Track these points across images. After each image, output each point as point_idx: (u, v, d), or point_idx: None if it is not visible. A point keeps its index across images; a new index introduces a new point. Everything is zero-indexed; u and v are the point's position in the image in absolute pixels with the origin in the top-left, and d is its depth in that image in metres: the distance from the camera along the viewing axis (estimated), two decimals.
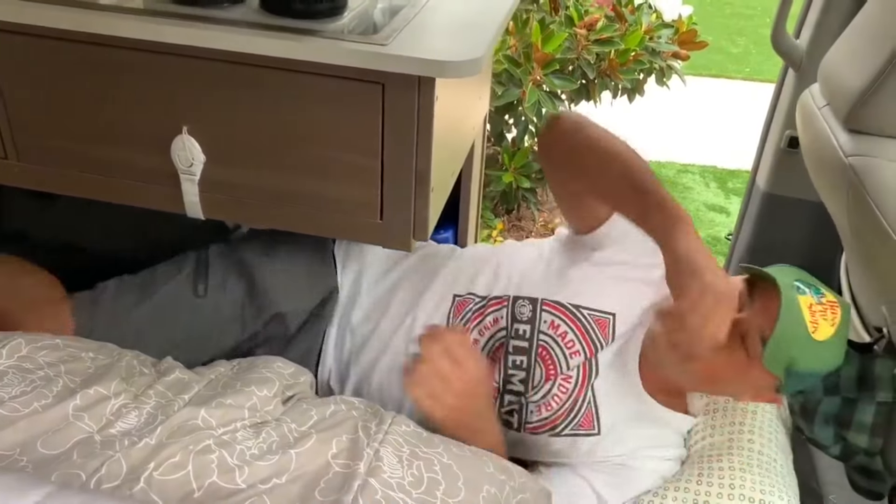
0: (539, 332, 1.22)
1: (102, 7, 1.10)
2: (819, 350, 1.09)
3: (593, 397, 1.19)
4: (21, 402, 0.80)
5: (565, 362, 1.21)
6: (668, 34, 2.73)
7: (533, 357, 1.22)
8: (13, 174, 1.23)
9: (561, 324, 1.23)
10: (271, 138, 1.12)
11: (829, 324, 1.10)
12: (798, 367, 1.09)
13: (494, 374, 1.22)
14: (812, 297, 1.11)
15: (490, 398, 1.16)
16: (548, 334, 1.22)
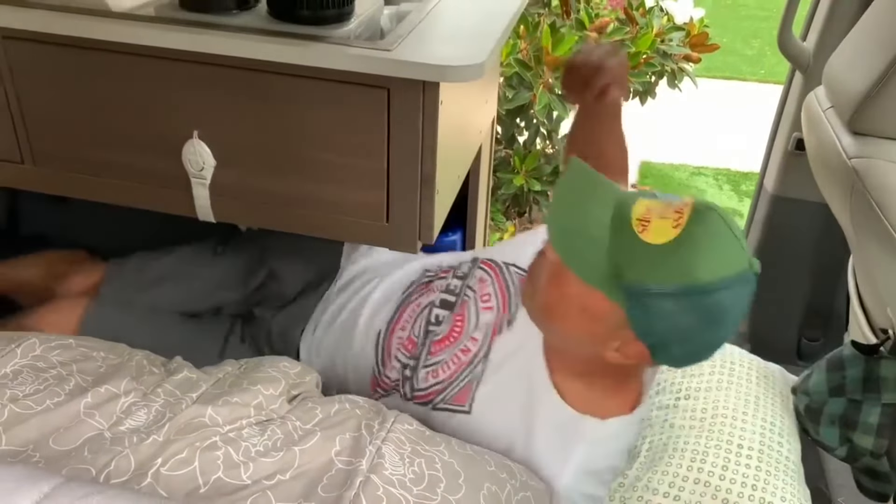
0: (467, 286, 1.22)
1: (115, 15, 1.12)
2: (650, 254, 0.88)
3: (482, 370, 1.09)
4: (34, 399, 0.83)
5: (475, 320, 1.16)
6: (680, 37, 2.73)
7: (456, 305, 1.20)
8: (29, 179, 1.26)
9: (487, 279, 1.21)
10: (279, 142, 1.14)
11: (666, 227, 0.88)
12: (628, 280, 0.89)
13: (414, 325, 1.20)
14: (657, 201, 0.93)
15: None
16: (473, 290, 1.21)
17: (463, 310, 1.19)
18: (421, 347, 1.17)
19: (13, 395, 0.83)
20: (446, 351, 1.15)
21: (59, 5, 1.13)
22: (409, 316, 1.23)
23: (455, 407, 1.09)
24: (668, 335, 0.92)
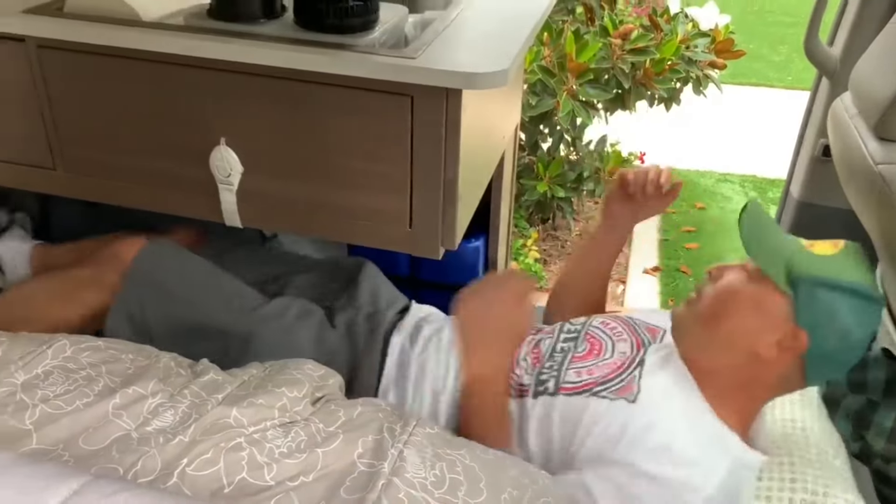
0: (590, 325, 1.25)
1: (146, 24, 1.15)
2: (816, 261, 1.05)
3: (639, 375, 1.14)
4: (64, 400, 0.85)
5: (611, 344, 1.21)
6: (705, 43, 2.72)
7: (580, 338, 1.23)
8: (60, 184, 1.29)
9: (611, 321, 1.26)
10: (304, 149, 1.16)
11: (829, 246, 1.08)
12: (798, 272, 1.03)
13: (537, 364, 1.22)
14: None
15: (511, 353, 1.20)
16: (597, 327, 1.24)
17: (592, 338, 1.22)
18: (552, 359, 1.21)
19: (44, 396, 0.85)
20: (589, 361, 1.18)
21: (91, 15, 1.16)
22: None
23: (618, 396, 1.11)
24: (829, 329, 1.03)
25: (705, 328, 1.11)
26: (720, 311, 1.09)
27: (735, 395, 1.09)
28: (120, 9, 1.16)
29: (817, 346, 1.03)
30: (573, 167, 2.86)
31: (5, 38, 1.17)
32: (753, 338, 1.06)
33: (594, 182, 2.85)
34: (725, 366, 1.09)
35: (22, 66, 1.19)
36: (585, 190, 2.87)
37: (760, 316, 1.06)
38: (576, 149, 2.89)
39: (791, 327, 1.03)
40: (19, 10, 1.16)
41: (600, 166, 2.87)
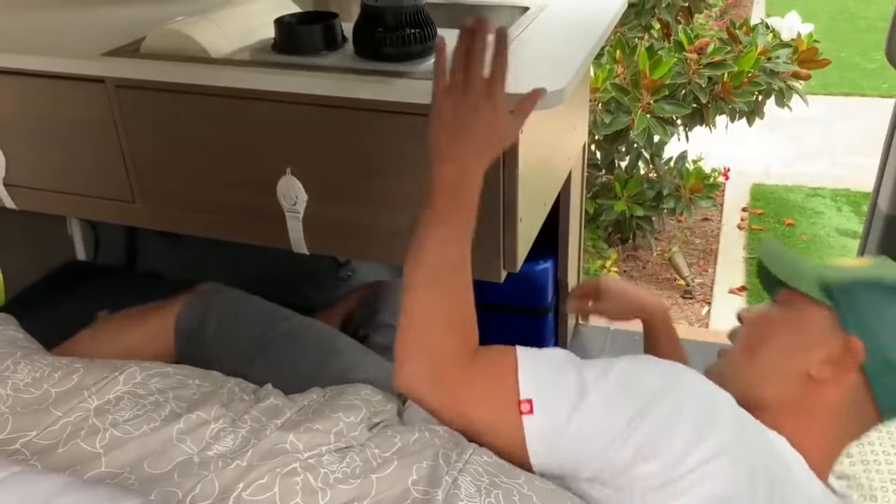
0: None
1: (214, 61, 1.20)
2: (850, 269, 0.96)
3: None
4: (132, 424, 0.88)
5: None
6: (787, 53, 2.64)
7: None
8: (139, 216, 1.35)
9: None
10: (365, 175, 1.17)
11: (856, 261, 1.00)
12: (836, 279, 0.94)
13: None
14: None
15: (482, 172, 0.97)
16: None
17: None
18: None
19: (114, 420, 0.89)
20: None
21: (165, 55, 1.21)
22: None
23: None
24: (882, 331, 0.91)
25: (747, 363, 0.99)
26: (757, 341, 0.99)
27: (798, 427, 0.94)
28: (191, 47, 1.21)
29: (875, 354, 0.90)
30: (652, 185, 2.81)
31: (86, 80, 1.24)
32: (800, 359, 0.94)
33: (674, 200, 2.79)
34: (779, 396, 0.96)
35: (102, 106, 1.26)
36: (666, 208, 2.81)
37: (800, 332, 0.96)
38: (654, 166, 2.83)
39: (840, 338, 0.92)
40: (98, 53, 1.23)
41: (681, 183, 2.81)
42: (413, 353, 0.91)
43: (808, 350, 0.94)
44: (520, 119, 0.98)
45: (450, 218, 0.94)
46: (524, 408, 0.88)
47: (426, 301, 0.93)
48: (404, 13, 1.13)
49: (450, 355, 0.91)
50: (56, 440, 0.87)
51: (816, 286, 0.96)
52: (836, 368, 0.92)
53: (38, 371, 0.97)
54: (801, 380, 0.94)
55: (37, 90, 1.30)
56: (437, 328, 0.91)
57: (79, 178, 1.36)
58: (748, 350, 1.00)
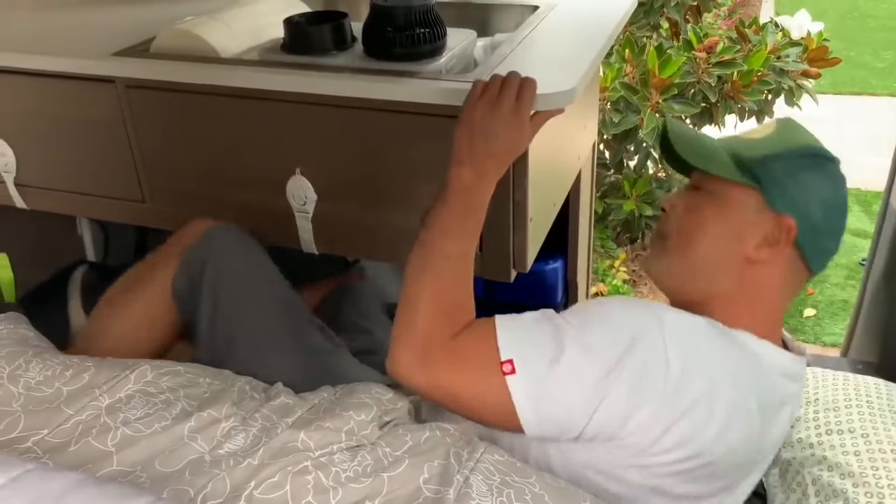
0: None
1: (224, 61, 1.20)
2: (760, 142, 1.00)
3: None
4: (144, 423, 0.88)
5: None
6: (797, 52, 2.62)
7: None
8: (149, 215, 1.35)
9: None
10: (375, 175, 1.18)
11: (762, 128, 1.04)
12: (755, 158, 0.97)
13: None
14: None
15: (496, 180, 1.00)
16: None
17: None
18: None
19: (125, 419, 0.89)
20: None
21: (174, 55, 1.22)
22: None
23: None
24: (808, 202, 0.95)
25: (684, 260, 1.00)
26: (689, 235, 1.00)
27: (746, 310, 0.97)
28: (201, 47, 1.21)
29: (803, 223, 0.95)
30: (661, 185, 2.80)
31: (96, 80, 1.25)
32: (736, 246, 0.97)
33: None
34: (721, 285, 0.98)
35: (112, 106, 1.26)
36: None
37: (731, 220, 0.98)
38: (663, 166, 2.82)
39: (771, 217, 0.95)
40: (108, 53, 1.23)
41: None
42: (401, 336, 0.94)
43: (742, 236, 0.97)
44: (535, 129, 1.03)
45: (458, 217, 0.97)
46: (506, 368, 0.90)
47: (417, 287, 0.96)
48: (414, 13, 1.13)
49: (435, 335, 0.94)
50: (68, 438, 0.88)
51: (734, 168, 0.98)
52: (773, 248, 0.96)
53: (50, 369, 0.97)
54: (739, 265, 0.97)
55: (47, 90, 1.31)
56: (424, 311, 0.95)
57: (89, 178, 1.37)
58: (682, 246, 1.01)
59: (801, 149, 0.99)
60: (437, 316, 0.94)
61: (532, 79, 1.00)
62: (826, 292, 2.96)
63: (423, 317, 0.94)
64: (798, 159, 0.97)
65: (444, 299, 0.96)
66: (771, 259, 0.96)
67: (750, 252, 0.96)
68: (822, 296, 2.94)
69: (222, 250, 1.19)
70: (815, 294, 2.95)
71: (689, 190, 1.04)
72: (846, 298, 2.90)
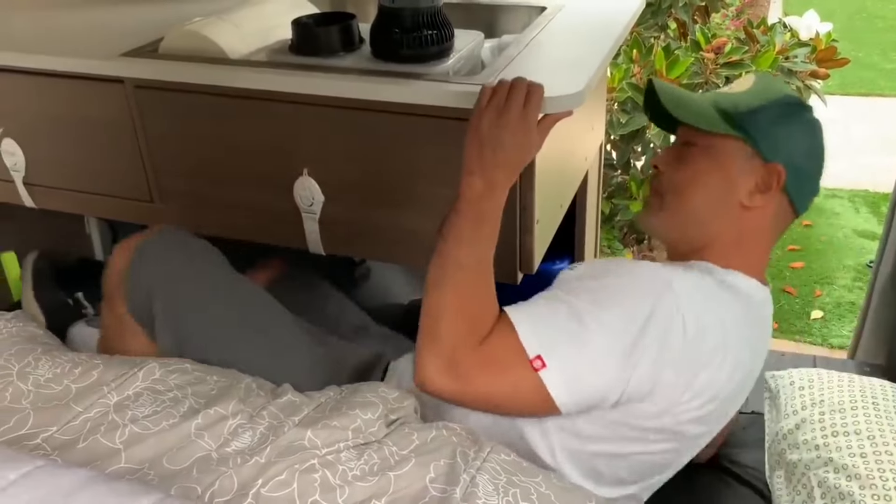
0: None
1: (231, 61, 1.21)
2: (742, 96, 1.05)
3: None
4: (152, 420, 0.89)
5: None
6: (805, 53, 2.61)
7: None
8: (157, 216, 1.36)
9: None
10: (382, 176, 1.18)
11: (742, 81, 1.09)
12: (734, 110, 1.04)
13: None
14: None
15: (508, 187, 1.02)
16: None
17: None
18: None
19: (133, 416, 0.90)
20: None
21: (183, 55, 1.22)
22: None
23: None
24: (792, 148, 1.04)
25: (681, 212, 1.08)
26: (685, 189, 1.07)
27: (738, 252, 1.06)
28: (209, 48, 1.22)
29: (791, 169, 1.03)
30: None
31: (105, 81, 1.25)
32: (729, 195, 1.04)
33: None
34: (717, 232, 1.06)
35: (120, 106, 1.27)
36: None
37: (723, 171, 1.04)
38: None
39: (760, 165, 1.03)
40: (117, 54, 1.24)
41: None
42: (426, 346, 0.97)
43: (735, 185, 1.04)
44: (543, 134, 1.04)
45: (472, 227, 1.00)
46: (536, 364, 0.94)
47: (437, 297, 0.99)
48: (422, 14, 1.13)
49: (459, 343, 0.97)
50: (76, 436, 0.89)
51: (722, 121, 1.04)
52: (764, 194, 1.03)
53: (59, 367, 0.98)
54: (734, 211, 1.05)
55: (56, 90, 1.31)
56: (447, 321, 0.97)
57: (97, 178, 1.38)
58: (678, 200, 1.08)
59: (781, 99, 1.05)
60: (461, 325, 0.97)
61: (539, 84, 1.00)
62: (833, 294, 2.95)
63: (447, 326, 0.97)
64: (779, 108, 1.04)
65: (465, 308, 0.98)
66: (763, 204, 1.04)
67: (743, 199, 1.04)
68: (830, 298, 2.93)
69: (158, 270, 1.19)
70: (822, 296, 2.94)
71: (679, 147, 1.10)
72: (853, 300, 2.89)
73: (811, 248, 3.23)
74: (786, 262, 3.15)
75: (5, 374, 0.97)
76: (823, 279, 3.04)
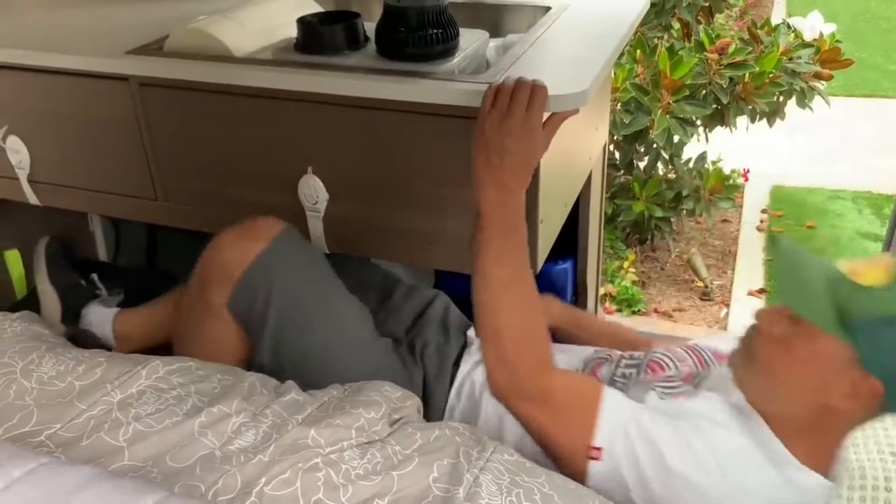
0: (653, 353, 1.22)
1: (237, 60, 1.21)
2: (868, 296, 0.94)
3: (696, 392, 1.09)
4: (155, 418, 0.89)
5: (675, 366, 1.18)
6: (809, 54, 2.61)
7: (643, 364, 1.20)
8: (162, 214, 1.36)
9: (676, 348, 1.22)
10: (386, 175, 1.18)
11: (879, 271, 0.95)
12: (856, 316, 0.93)
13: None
14: (856, 259, 0.99)
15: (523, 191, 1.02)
16: (661, 353, 1.21)
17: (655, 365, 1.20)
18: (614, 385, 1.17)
19: (137, 414, 0.90)
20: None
21: (188, 53, 1.22)
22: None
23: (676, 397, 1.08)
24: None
25: (765, 386, 1.02)
26: (778, 372, 1.01)
27: (810, 442, 1.00)
28: (214, 46, 1.22)
29: (890, 386, 0.94)
30: (671, 186, 2.79)
31: (110, 78, 1.26)
32: (821, 393, 0.97)
33: (693, 201, 2.77)
34: (795, 417, 1.00)
35: (125, 104, 1.27)
36: (685, 209, 2.80)
37: (823, 370, 0.97)
38: (674, 167, 2.82)
39: (860, 375, 0.94)
40: (122, 51, 1.24)
41: (700, 184, 2.79)
42: (493, 366, 1.02)
43: (827, 385, 0.96)
44: (550, 135, 1.04)
45: (499, 240, 1.00)
46: (594, 453, 0.97)
47: (493, 320, 1.02)
48: (427, 13, 1.13)
49: (525, 371, 1.01)
50: (80, 433, 0.89)
51: (835, 321, 0.95)
52: (854, 399, 0.95)
53: (63, 364, 0.98)
54: (818, 407, 0.98)
55: (61, 88, 1.32)
56: (507, 344, 1.01)
57: (102, 176, 1.38)
58: (767, 376, 1.02)
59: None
60: (519, 349, 1.01)
61: (542, 85, 1.00)
62: None
63: (506, 349, 1.01)
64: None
65: (518, 330, 1.01)
66: (851, 408, 0.97)
67: (831, 400, 0.97)
68: None
69: (284, 272, 1.15)
70: None
71: (783, 315, 1.01)
72: None
73: (815, 250, 3.23)
74: None
75: (9, 372, 0.97)
76: None
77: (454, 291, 1.62)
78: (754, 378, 1.04)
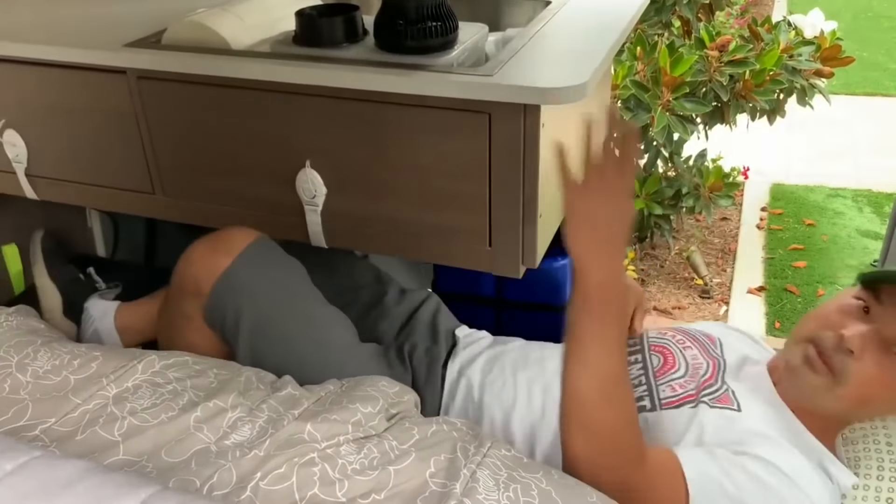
0: (648, 338, 1.23)
1: (235, 53, 1.20)
2: None
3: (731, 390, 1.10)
4: (150, 413, 0.88)
5: (680, 353, 1.18)
6: (809, 51, 2.60)
7: (646, 351, 1.20)
8: (160, 208, 1.35)
9: (667, 331, 1.24)
10: (385, 169, 1.17)
11: None
12: None
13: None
14: None
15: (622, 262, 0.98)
16: (658, 338, 1.22)
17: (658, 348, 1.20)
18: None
19: (132, 409, 0.89)
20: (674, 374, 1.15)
21: (186, 46, 1.22)
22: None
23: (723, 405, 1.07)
24: None
25: (855, 408, 1.05)
26: (868, 403, 1.03)
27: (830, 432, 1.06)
28: (213, 39, 1.21)
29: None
30: (671, 183, 2.79)
31: (108, 71, 1.25)
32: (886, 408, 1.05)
33: (693, 199, 2.77)
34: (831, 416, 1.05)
35: (123, 97, 1.26)
36: (684, 207, 2.79)
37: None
38: (673, 164, 2.81)
39: None
40: (120, 44, 1.23)
41: (700, 182, 2.79)
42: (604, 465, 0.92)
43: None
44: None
45: (612, 331, 0.93)
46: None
47: (606, 416, 0.93)
48: (426, 6, 1.12)
49: (632, 462, 0.94)
50: (75, 427, 0.88)
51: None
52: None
53: (58, 358, 0.98)
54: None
55: (58, 81, 1.31)
56: (620, 440, 0.93)
57: (100, 169, 1.37)
58: (853, 404, 1.03)
59: None
60: (631, 448, 0.94)
61: (634, 136, 0.92)
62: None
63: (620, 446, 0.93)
64: None
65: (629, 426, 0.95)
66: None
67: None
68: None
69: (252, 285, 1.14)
70: (825, 296, 2.93)
71: (881, 344, 1.02)
72: None
73: (814, 248, 3.23)
74: (789, 262, 3.14)
75: (4, 366, 0.96)
76: (826, 279, 3.03)
77: (453, 287, 1.63)
78: (836, 407, 1.04)
